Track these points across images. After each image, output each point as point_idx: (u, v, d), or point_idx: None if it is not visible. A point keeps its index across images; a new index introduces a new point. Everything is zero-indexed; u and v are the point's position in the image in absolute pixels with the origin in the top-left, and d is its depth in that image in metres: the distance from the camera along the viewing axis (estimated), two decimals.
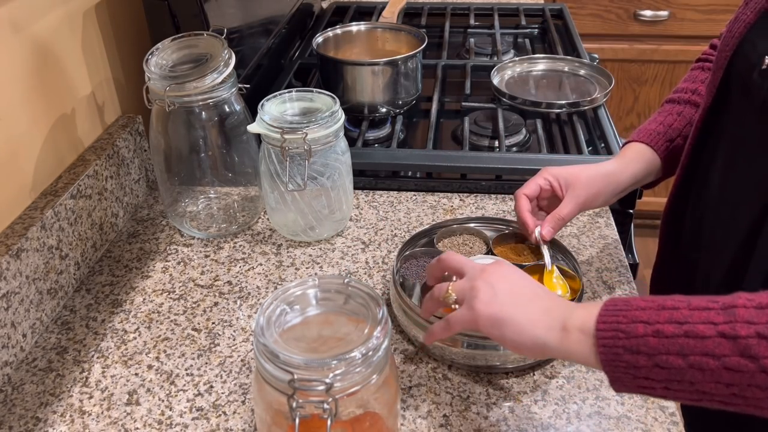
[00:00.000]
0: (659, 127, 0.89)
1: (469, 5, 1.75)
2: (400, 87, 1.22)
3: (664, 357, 0.51)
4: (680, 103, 0.91)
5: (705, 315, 0.51)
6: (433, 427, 0.70)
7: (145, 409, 0.73)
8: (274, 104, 0.93)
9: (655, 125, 0.89)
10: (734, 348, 0.49)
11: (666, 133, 0.88)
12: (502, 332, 0.60)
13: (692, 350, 0.50)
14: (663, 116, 0.90)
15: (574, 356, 0.57)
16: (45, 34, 0.87)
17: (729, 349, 0.49)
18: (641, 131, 0.90)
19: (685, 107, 0.90)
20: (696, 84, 0.92)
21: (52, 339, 0.82)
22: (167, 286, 0.90)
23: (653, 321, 0.53)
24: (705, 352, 0.50)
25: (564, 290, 0.80)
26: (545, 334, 0.58)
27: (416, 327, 0.76)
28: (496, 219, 0.94)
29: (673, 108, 0.91)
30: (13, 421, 0.72)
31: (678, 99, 0.91)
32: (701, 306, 0.52)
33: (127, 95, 1.08)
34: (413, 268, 0.85)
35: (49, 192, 0.87)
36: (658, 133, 0.88)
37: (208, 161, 0.98)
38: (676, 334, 0.51)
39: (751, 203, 0.72)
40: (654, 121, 0.90)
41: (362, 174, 1.09)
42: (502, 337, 0.60)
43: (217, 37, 0.92)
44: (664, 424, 0.69)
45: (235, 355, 0.79)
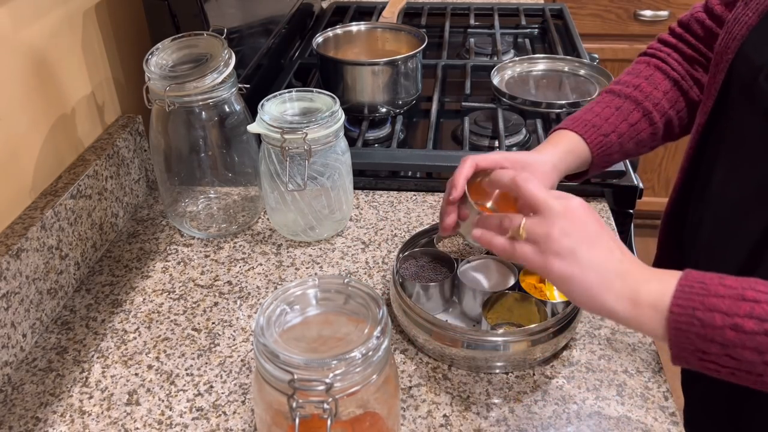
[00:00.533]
0: (595, 119, 0.85)
1: (469, 5, 1.75)
2: (400, 87, 1.22)
3: (739, 350, 0.51)
4: (620, 97, 0.87)
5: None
6: (433, 427, 0.70)
7: (145, 409, 0.73)
8: (274, 104, 0.93)
9: (591, 116, 0.85)
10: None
11: (601, 127, 0.84)
12: (570, 291, 0.59)
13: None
14: (600, 107, 0.86)
15: (642, 329, 0.56)
16: (45, 34, 0.87)
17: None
18: (576, 120, 0.85)
19: (624, 102, 0.86)
20: (639, 79, 0.88)
21: (52, 339, 0.82)
22: (167, 286, 0.90)
23: (732, 313, 0.51)
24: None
25: (564, 297, 0.79)
26: (615, 303, 0.57)
27: (416, 327, 0.76)
28: None
29: (612, 101, 0.87)
30: (13, 421, 0.72)
31: (619, 92, 0.87)
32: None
33: (127, 95, 1.08)
34: (413, 268, 0.85)
35: (49, 192, 0.87)
36: (593, 126, 0.84)
37: (208, 161, 0.98)
38: (756, 332, 0.51)
39: (759, 208, 0.70)
40: (590, 111, 0.86)
41: (362, 174, 1.09)
42: (569, 294, 0.59)
43: (217, 37, 0.92)
44: (664, 424, 0.69)
45: (235, 355, 0.79)
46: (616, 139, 0.85)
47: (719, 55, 0.76)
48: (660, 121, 0.86)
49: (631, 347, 0.78)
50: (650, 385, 0.74)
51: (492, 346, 0.73)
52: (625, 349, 0.78)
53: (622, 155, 0.87)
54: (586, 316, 0.82)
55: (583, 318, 0.82)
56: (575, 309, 0.76)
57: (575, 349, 0.78)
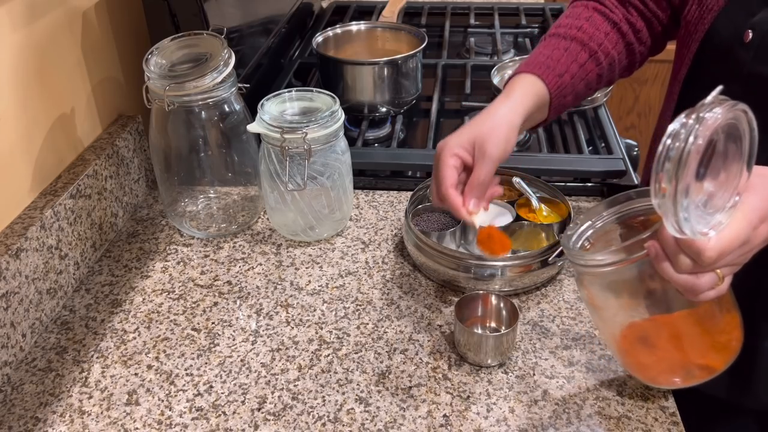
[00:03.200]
0: (548, 60, 0.83)
1: (469, 5, 1.75)
2: (400, 86, 1.21)
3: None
4: (566, 39, 0.85)
5: None
6: (433, 427, 0.69)
7: (144, 409, 0.73)
8: (274, 104, 0.93)
9: (543, 58, 0.83)
10: None
11: (555, 68, 0.83)
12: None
13: None
14: (549, 50, 0.84)
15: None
16: (45, 33, 0.87)
17: None
18: (528, 63, 0.83)
19: (571, 43, 0.85)
20: (580, 21, 0.87)
21: (51, 339, 0.82)
22: (167, 286, 0.90)
23: None
24: None
25: (555, 219, 0.92)
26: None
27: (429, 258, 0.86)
28: None
29: (559, 43, 0.85)
30: (12, 421, 0.72)
31: (564, 34, 0.86)
32: None
33: (126, 95, 1.08)
34: (423, 222, 0.93)
35: (48, 192, 0.87)
36: (547, 66, 0.82)
37: (208, 161, 0.98)
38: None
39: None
40: (540, 54, 0.84)
41: (362, 174, 1.09)
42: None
43: (217, 36, 0.92)
44: (665, 424, 0.69)
45: (235, 355, 0.79)
46: (569, 79, 0.83)
47: (692, 25, 0.78)
48: (605, 62, 0.86)
49: None
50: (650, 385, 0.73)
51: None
52: None
53: (573, 98, 0.86)
54: (585, 317, 0.82)
55: (583, 318, 0.82)
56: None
57: (575, 349, 0.78)
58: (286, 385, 0.75)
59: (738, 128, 0.54)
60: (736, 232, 0.55)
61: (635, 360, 0.69)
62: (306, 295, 0.87)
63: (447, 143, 0.76)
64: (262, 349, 0.79)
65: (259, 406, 0.72)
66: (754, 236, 0.56)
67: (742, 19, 0.74)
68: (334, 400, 0.73)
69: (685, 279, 0.57)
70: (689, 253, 0.55)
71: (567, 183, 1.05)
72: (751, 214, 0.56)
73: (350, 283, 0.89)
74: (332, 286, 0.89)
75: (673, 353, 0.67)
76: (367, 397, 0.73)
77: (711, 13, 0.76)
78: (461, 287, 0.86)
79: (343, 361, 0.77)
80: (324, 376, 0.76)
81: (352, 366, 0.77)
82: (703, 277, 0.56)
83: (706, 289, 0.57)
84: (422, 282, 0.89)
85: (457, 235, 0.91)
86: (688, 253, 0.55)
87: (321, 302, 0.86)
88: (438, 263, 0.86)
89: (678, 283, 0.57)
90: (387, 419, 0.70)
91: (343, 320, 0.83)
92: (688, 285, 0.57)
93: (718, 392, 0.85)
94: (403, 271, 0.91)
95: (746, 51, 0.73)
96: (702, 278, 0.56)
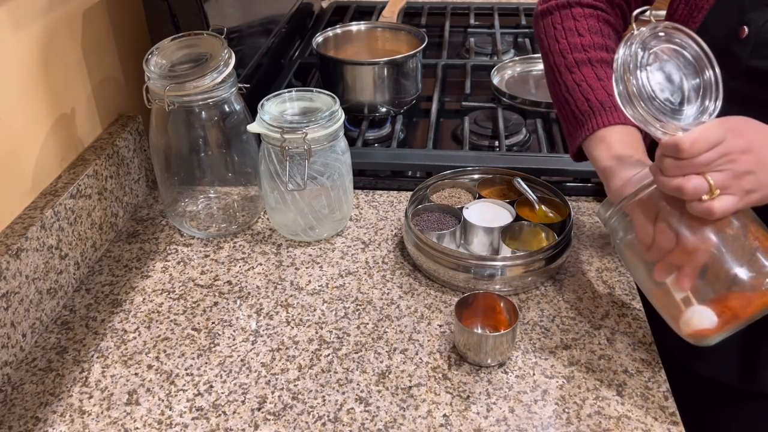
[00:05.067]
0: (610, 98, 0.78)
1: (469, 5, 1.75)
2: (400, 87, 1.21)
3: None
4: (594, 65, 0.81)
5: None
6: (433, 427, 0.69)
7: (144, 409, 0.73)
8: (274, 104, 0.93)
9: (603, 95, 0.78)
10: None
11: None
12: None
13: None
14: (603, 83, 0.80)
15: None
16: (45, 33, 0.87)
17: None
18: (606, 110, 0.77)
19: (603, 67, 0.81)
20: (605, 39, 0.83)
21: (51, 339, 0.82)
22: (167, 285, 0.90)
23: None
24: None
25: (555, 219, 0.92)
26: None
27: (429, 259, 0.86)
28: (480, 167, 1.01)
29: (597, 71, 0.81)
30: (12, 421, 0.72)
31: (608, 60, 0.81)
32: None
33: (127, 95, 1.08)
34: (423, 222, 0.93)
35: (48, 192, 0.87)
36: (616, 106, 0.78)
37: (208, 161, 0.98)
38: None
39: None
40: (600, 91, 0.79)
41: (362, 174, 1.09)
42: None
43: (217, 36, 0.92)
44: (664, 424, 0.69)
45: (235, 354, 0.79)
46: None
47: (681, 24, 0.78)
48: None
49: (631, 347, 0.78)
50: (650, 385, 0.74)
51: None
52: (625, 349, 0.78)
53: None
54: (585, 317, 0.82)
55: (583, 318, 0.82)
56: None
57: (575, 349, 0.78)
58: (286, 385, 0.75)
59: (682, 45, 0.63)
60: (706, 128, 0.60)
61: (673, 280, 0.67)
62: (306, 295, 0.87)
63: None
64: (262, 348, 0.80)
65: (259, 405, 0.72)
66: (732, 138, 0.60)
67: (734, 16, 0.75)
68: (334, 399, 0.73)
69: (674, 182, 0.61)
70: (669, 151, 0.60)
71: (567, 183, 1.05)
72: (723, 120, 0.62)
73: (350, 283, 0.89)
74: (332, 286, 0.89)
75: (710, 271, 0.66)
76: (367, 397, 0.73)
77: (701, 12, 0.77)
78: (461, 287, 0.86)
79: (343, 361, 0.77)
80: (324, 376, 0.76)
81: (352, 366, 0.77)
82: (690, 179, 0.60)
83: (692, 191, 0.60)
84: (422, 282, 0.89)
85: (457, 235, 0.91)
86: (668, 152, 0.60)
87: (321, 302, 0.86)
88: (438, 263, 0.86)
89: (668, 187, 0.62)
90: (387, 419, 0.70)
91: (343, 320, 0.83)
92: (675, 186, 0.61)
93: (729, 379, 0.85)
94: (403, 271, 0.91)
95: (743, 47, 0.74)
96: (690, 180, 0.60)
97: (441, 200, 0.98)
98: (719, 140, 0.60)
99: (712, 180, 0.60)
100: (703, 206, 0.61)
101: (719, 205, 0.61)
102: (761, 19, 0.72)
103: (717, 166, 0.60)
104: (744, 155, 0.61)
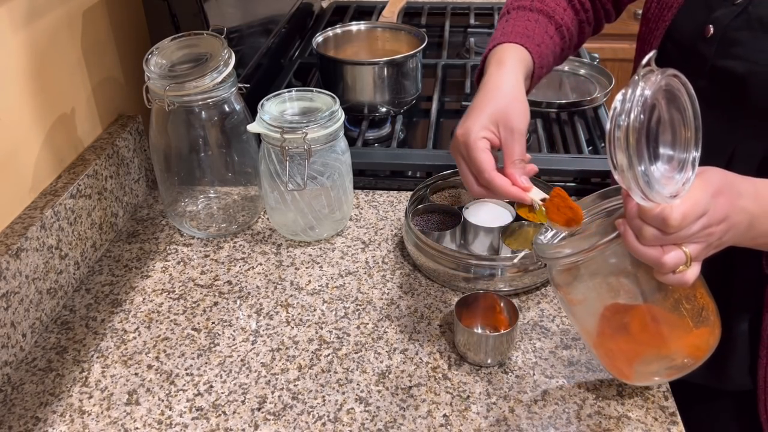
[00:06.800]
0: (525, 30, 0.82)
1: (469, 5, 1.75)
2: (400, 86, 1.21)
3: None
4: (532, 11, 0.85)
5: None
6: (433, 427, 0.69)
7: (144, 409, 0.73)
8: (274, 104, 0.93)
9: (519, 28, 0.82)
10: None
11: (533, 37, 0.82)
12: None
13: None
14: (522, 21, 0.84)
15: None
16: (45, 33, 0.87)
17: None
18: (506, 34, 0.82)
19: (539, 15, 0.85)
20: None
21: (51, 339, 0.82)
22: (167, 285, 0.90)
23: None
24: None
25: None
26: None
27: (428, 258, 0.86)
28: None
29: (528, 15, 0.84)
30: (12, 421, 0.72)
31: (529, 7, 0.85)
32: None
33: (127, 95, 1.08)
34: (423, 223, 0.93)
35: (48, 192, 0.87)
36: (527, 36, 0.81)
37: (208, 161, 0.98)
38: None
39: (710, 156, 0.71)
40: (514, 25, 0.83)
41: (362, 174, 1.09)
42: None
43: (217, 36, 0.92)
44: (664, 424, 0.69)
45: (235, 354, 0.79)
46: (545, 50, 0.84)
47: (652, 22, 0.80)
48: (567, 36, 0.87)
49: None
50: (650, 385, 0.73)
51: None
52: None
53: (546, 70, 0.86)
54: None
55: None
56: None
57: (575, 349, 0.78)
58: (286, 385, 0.75)
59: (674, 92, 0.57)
60: (695, 197, 0.57)
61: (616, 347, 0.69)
62: (306, 295, 0.87)
63: (470, 129, 0.72)
64: (262, 348, 0.80)
65: (259, 405, 0.72)
66: (713, 208, 0.58)
67: (702, 15, 0.75)
68: (334, 399, 0.73)
69: (652, 252, 0.58)
70: (654, 223, 0.57)
71: (567, 183, 1.05)
72: (707, 183, 0.59)
73: (350, 283, 0.89)
74: (332, 285, 0.89)
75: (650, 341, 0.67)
76: (367, 397, 0.73)
77: (671, 10, 0.78)
78: (461, 287, 0.86)
79: (343, 361, 0.77)
80: (324, 376, 0.76)
81: (352, 366, 0.77)
82: (669, 251, 0.58)
83: (672, 265, 0.58)
84: (422, 282, 0.89)
85: (457, 235, 0.91)
86: (653, 223, 0.57)
87: (321, 302, 0.86)
88: (438, 263, 0.86)
89: (646, 257, 0.59)
90: (387, 419, 0.70)
91: (343, 320, 0.83)
92: (654, 258, 0.58)
93: (694, 378, 0.86)
94: (403, 271, 0.91)
95: (708, 46, 0.74)
96: (668, 253, 0.58)
97: (441, 200, 0.97)
98: (705, 212, 0.58)
99: (689, 251, 0.58)
100: (676, 277, 0.59)
101: (692, 275, 0.59)
102: (726, 18, 0.73)
103: (696, 238, 0.58)
104: (720, 225, 0.59)
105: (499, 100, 0.75)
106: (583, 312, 0.69)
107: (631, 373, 0.69)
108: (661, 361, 0.68)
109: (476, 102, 0.75)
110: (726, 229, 0.60)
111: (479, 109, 0.74)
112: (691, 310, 0.65)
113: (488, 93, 0.76)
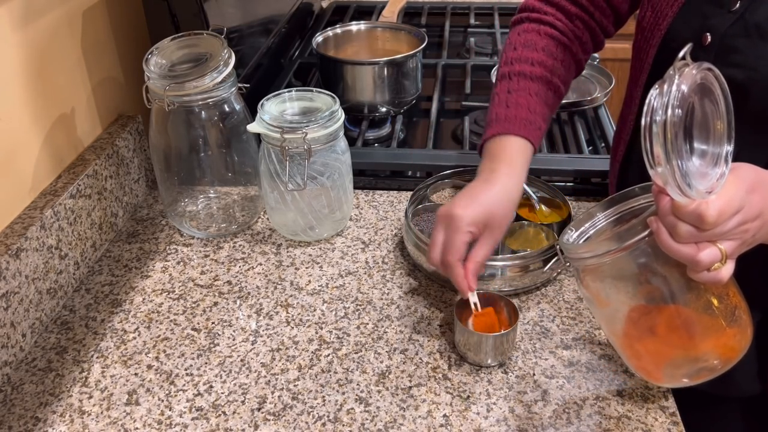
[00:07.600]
0: (528, 114, 0.83)
1: (469, 5, 1.75)
2: (400, 86, 1.21)
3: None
4: (534, 80, 0.85)
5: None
6: (433, 427, 0.69)
7: (144, 409, 0.73)
8: (274, 104, 0.93)
9: (523, 112, 0.83)
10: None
11: (535, 121, 0.83)
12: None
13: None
14: (525, 98, 0.84)
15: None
16: (45, 33, 0.87)
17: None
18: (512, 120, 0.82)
19: (539, 86, 0.85)
20: (539, 54, 0.86)
21: (51, 339, 0.82)
22: (167, 285, 0.90)
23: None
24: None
25: (555, 219, 0.93)
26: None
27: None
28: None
29: (530, 87, 0.85)
30: (12, 421, 0.72)
31: (530, 75, 0.86)
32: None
33: (126, 95, 1.08)
34: (423, 222, 0.93)
35: (48, 192, 0.87)
36: (529, 122, 0.82)
37: (208, 161, 0.98)
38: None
39: None
40: (517, 105, 0.84)
41: (362, 174, 1.09)
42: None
43: (217, 36, 0.92)
44: (665, 424, 0.69)
45: (235, 354, 0.79)
46: (544, 126, 0.85)
47: (648, 31, 0.80)
48: (563, 89, 0.88)
49: None
50: (650, 385, 0.74)
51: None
52: None
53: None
54: (585, 317, 0.82)
55: (583, 318, 0.82)
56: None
57: (575, 349, 0.78)
58: (286, 385, 0.75)
59: (707, 86, 0.57)
60: (730, 193, 0.56)
61: (644, 349, 0.68)
62: (306, 295, 0.87)
63: (463, 217, 0.75)
64: (262, 349, 0.80)
65: (259, 406, 0.72)
66: (748, 204, 0.58)
67: (697, 23, 0.75)
68: (334, 400, 0.73)
69: (687, 250, 0.57)
70: (690, 219, 0.56)
71: (567, 183, 1.05)
72: (741, 179, 0.58)
73: (350, 283, 0.89)
74: (332, 286, 0.89)
75: (680, 342, 0.67)
76: (367, 397, 0.73)
77: (666, 18, 0.78)
78: None
79: (343, 361, 0.77)
80: (324, 376, 0.76)
81: (352, 366, 0.77)
82: (704, 248, 0.57)
83: (708, 262, 0.58)
84: (422, 282, 0.89)
85: None
86: (689, 219, 0.56)
87: (321, 302, 0.86)
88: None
89: (680, 255, 0.58)
90: (387, 419, 0.70)
91: (343, 320, 0.83)
92: (689, 256, 0.57)
93: (700, 384, 0.86)
94: (403, 271, 0.91)
95: (706, 54, 0.73)
96: (704, 250, 0.57)
97: (441, 200, 0.97)
98: (741, 208, 0.57)
99: (724, 248, 0.58)
100: (711, 275, 0.58)
101: (726, 273, 0.59)
102: (723, 25, 0.72)
103: (731, 235, 0.58)
104: (755, 222, 0.59)
105: (497, 201, 0.77)
106: (610, 313, 0.69)
107: (660, 375, 0.68)
108: (691, 363, 0.67)
109: (481, 192, 0.78)
110: (760, 225, 0.60)
111: (477, 199, 0.77)
112: (723, 310, 0.64)
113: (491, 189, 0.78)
